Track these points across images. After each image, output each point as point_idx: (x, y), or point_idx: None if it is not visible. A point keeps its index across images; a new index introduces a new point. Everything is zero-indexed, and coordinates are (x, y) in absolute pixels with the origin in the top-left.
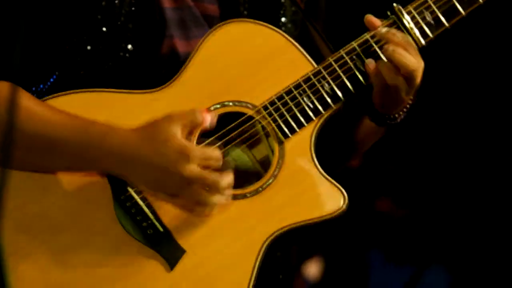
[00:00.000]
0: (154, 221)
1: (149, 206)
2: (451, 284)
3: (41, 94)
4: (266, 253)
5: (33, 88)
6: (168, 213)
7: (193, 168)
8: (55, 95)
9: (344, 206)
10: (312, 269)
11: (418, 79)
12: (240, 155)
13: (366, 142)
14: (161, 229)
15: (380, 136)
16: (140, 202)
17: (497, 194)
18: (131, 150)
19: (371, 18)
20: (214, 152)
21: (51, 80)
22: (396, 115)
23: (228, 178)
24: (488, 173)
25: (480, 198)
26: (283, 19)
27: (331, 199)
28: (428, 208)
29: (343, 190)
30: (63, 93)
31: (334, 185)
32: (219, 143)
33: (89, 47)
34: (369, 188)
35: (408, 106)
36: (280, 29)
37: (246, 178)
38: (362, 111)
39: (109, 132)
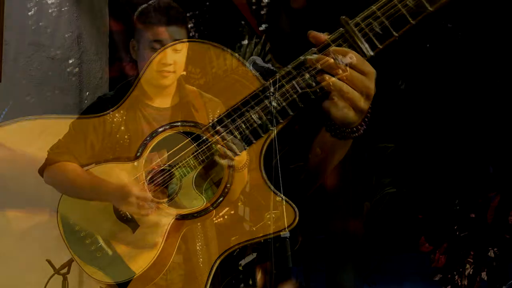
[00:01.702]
0: (104, 246)
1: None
2: None
3: None
4: (220, 272)
5: None
6: (121, 241)
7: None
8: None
9: (294, 223)
10: None
11: (372, 91)
12: (197, 174)
13: (330, 159)
14: (110, 252)
15: (345, 152)
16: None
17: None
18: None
19: (314, 34)
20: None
21: None
22: (359, 126)
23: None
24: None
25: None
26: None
27: (281, 216)
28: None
29: (295, 207)
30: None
31: (286, 201)
32: (163, 166)
33: None
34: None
35: (368, 115)
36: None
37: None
38: (321, 127)
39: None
